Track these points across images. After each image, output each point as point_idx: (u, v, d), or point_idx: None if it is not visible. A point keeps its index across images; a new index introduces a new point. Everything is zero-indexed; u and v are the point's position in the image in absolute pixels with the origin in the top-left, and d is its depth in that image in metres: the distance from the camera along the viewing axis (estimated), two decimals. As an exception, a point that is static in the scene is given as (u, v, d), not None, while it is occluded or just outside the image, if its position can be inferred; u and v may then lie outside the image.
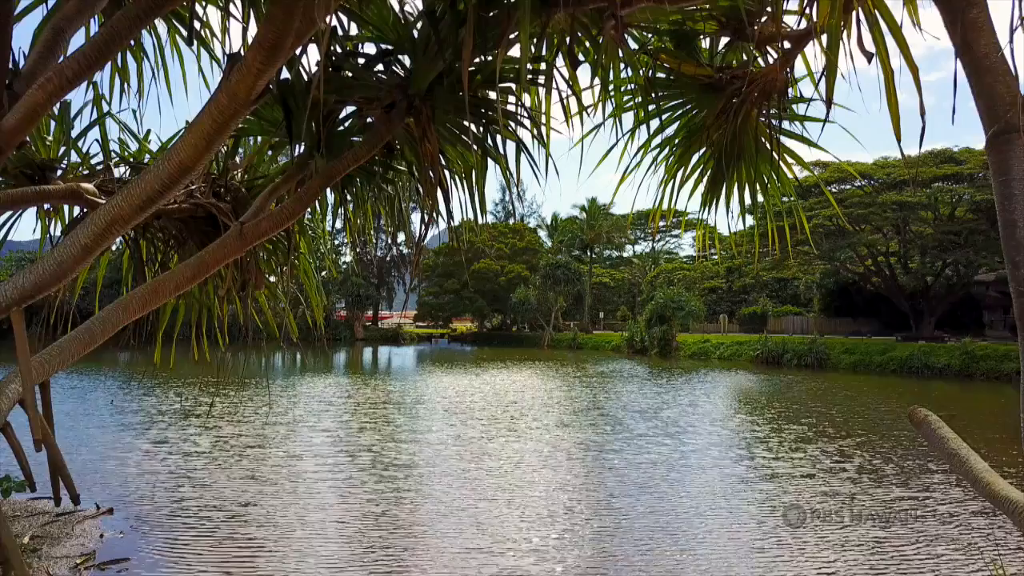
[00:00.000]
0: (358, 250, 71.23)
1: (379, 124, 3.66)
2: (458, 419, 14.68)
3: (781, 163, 3.97)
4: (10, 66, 2.44)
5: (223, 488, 8.65)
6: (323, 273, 54.32)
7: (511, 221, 70.53)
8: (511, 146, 4.17)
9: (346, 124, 4.06)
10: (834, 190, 42.28)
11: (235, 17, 3.59)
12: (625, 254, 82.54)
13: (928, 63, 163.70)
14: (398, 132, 3.98)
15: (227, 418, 14.45)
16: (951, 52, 2.08)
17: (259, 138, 4.38)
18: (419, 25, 3.49)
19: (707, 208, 4.32)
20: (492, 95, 3.89)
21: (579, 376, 26.86)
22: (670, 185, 4.24)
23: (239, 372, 25.48)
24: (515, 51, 3.77)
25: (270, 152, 4.54)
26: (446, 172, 4.41)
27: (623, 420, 14.89)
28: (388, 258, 71.64)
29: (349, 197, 4.86)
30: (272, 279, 5.47)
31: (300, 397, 18.42)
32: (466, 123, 4.03)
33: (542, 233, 71.70)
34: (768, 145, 3.95)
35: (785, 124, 4.08)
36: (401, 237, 71.95)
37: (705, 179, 4.30)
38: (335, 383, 22.90)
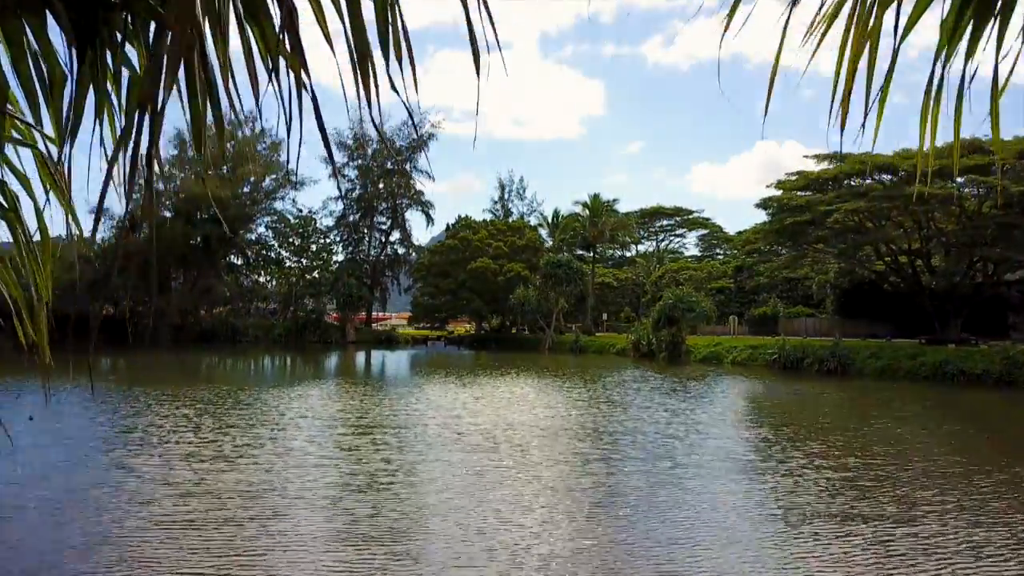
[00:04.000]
0: (351, 248, 68.51)
1: None
2: (448, 451, 11.84)
3: None
4: None
5: (106, 558, 5.94)
6: (315, 274, 51.94)
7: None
8: None
9: None
10: (853, 184, 39.67)
11: None
12: (628, 253, 79.80)
13: (927, 63, 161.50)
14: None
15: (156, 445, 11.75)
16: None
17: None
18: None
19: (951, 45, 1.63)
20: None
21: (589, 386, 24.07)
22: None
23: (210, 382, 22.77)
24: None
25: None
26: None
27: (660, 452, 11.98)
28: (382, 257, 68.82)
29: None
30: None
31: (258, 416, 15.65)
32: None
33: (543, 231, 68.93)
34: None
35: None
36: (396, 235, 69.31)
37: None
38: (306, 395, 20.10)
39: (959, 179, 36.41)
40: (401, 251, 69.64)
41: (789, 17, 1.88)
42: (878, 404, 19.68)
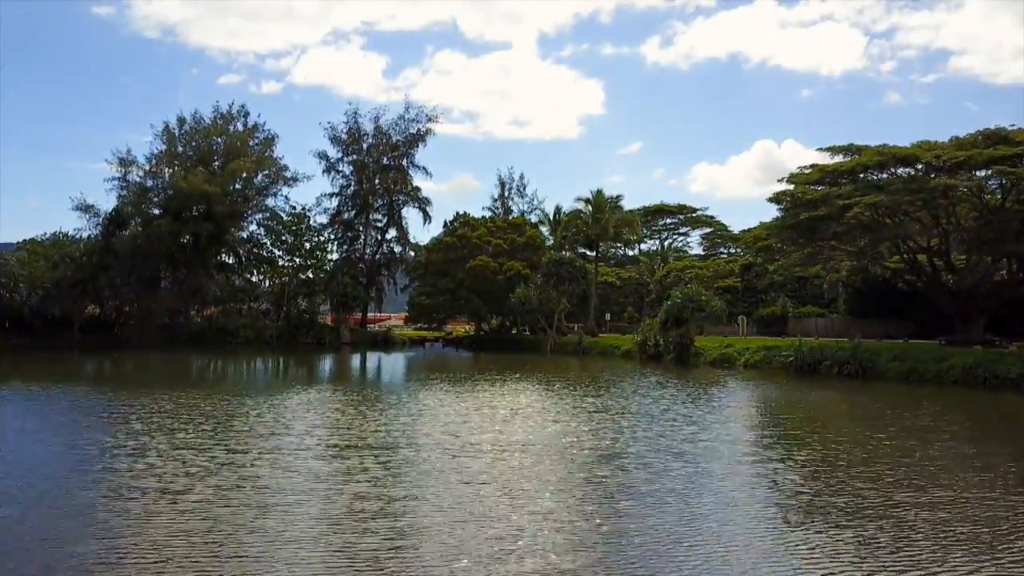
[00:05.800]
0: (346, 247, 66.30)
1: None
2: (444, 483, 9.60)
3: None
4: None
5: None
6: (309, 273, 49.27)
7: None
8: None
9: None
10: (873, 178, 37.60)
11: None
12: (631, 252, 77.64)
13: (924, 65, 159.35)
14: None
15: (89, 471, 9.64)
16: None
17: None
18: None
19: None
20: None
21: (601, 395, 21.90)
22: None
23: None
24: None
25: None
26: None
27: (701, 483, 9.86)
28: (378, 255, 66.55)
29: None
30: None
31: (221, 432, 13.51)
32: None
33: (544, 228, 66.71)
34: None
35: None
36: (392, 233, 67.09)
37: None
38: (285, 405, 17.94)
39: (982, 172, 34.42)
40: (398, 249, 67.36)
41: None
42: (926, 416, 17.51)
